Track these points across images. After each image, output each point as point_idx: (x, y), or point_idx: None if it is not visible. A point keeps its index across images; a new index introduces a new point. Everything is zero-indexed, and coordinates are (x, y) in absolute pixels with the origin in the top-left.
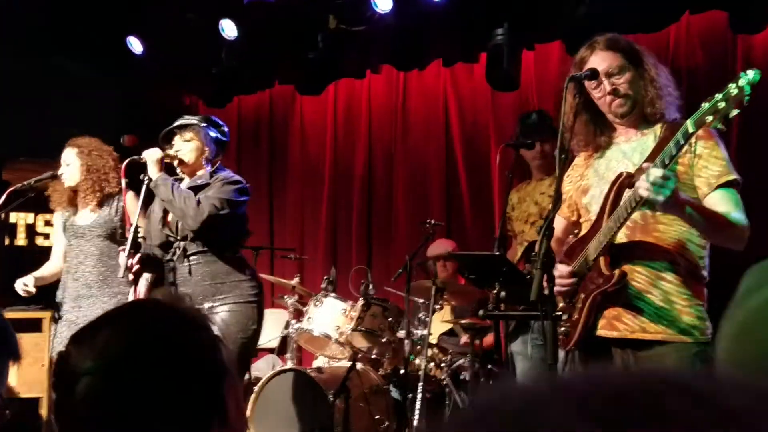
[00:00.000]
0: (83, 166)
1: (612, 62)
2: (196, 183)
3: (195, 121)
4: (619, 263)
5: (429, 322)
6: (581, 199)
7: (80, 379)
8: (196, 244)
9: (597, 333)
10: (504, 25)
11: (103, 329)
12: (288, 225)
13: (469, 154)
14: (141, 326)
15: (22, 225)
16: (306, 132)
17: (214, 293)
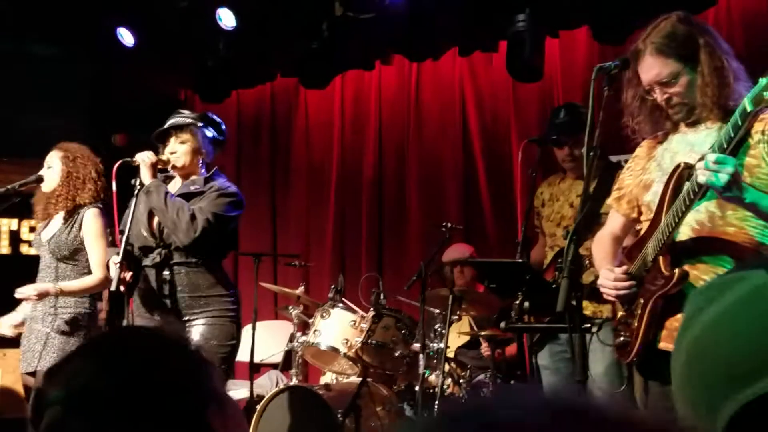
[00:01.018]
0: (63, 172)
1: (661, 71)
2: (189, 189)
3: (191, 121)
4: (681, 263)
5: (446, 334)
6: (643, 195)
7: (47, 410)
8: (179, 254)
9: (659, 346)
10: (525, 10)
11: (76, 358)
12: (292, 229)
13: (489, 151)
14: (112, 354)
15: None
16: (311, 128)
17: (193, 306)
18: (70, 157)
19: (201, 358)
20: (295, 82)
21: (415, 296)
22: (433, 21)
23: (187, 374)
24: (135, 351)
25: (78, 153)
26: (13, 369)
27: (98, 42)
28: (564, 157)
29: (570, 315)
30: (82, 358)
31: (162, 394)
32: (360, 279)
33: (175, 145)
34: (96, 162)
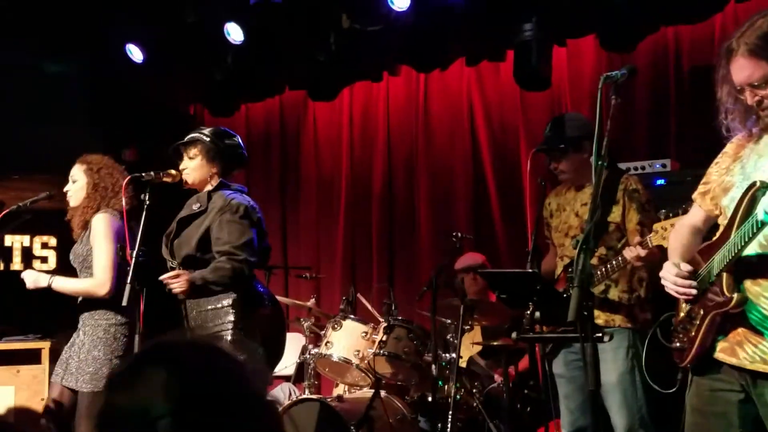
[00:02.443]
0: (90, 184)
1: (753, 73)
2: (192, 209)
3: (200, 136)
4: (743, 279)
5: (458, 344)
6: (722, 198)
7: (158, 423)
8: (183, 266)
9: (715, 356)
10: (532, 19)
11: (155, 369)
12: (302, 241)
13: (498, 160)
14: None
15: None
16: (319, 140)
17: (206, 320)
18: (95, 169)
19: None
20: (304, 94)
21: (426, 306)
22: (440, 31)
23: (257, 381)
24: (218, 358)
25: (102, 164)
26: (27, 385)
27: (108, 58)
28: (555, 171)
29: (581, 324)
30: (165, 369)
31: (247, 400)
32: (371, 290)
33: (186, 161)
34: (121, 170)
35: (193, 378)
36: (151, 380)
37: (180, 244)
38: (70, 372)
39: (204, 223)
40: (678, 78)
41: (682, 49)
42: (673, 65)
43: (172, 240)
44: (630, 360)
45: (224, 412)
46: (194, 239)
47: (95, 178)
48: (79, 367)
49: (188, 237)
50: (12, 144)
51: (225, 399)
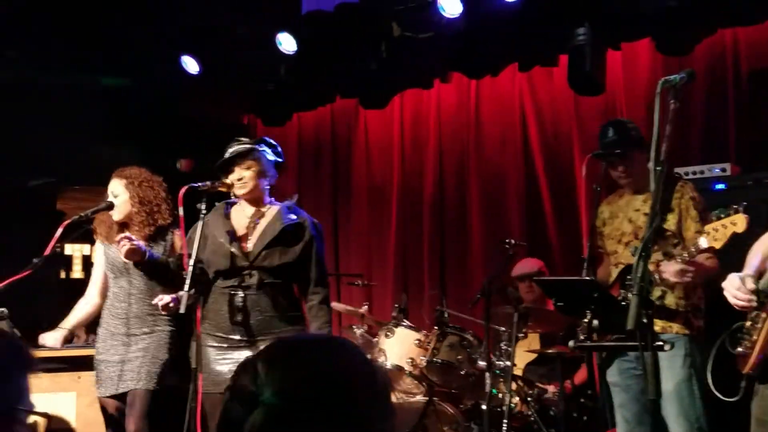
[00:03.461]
0: (133, 198)
1: None
2: (290, 221)
3: (253, 146)
4: None
5: (512, 352)
6: None
7: (256, 408)
8: (268, 275)
9: None
10: (585, 24)
11: (293, 358)
12: (354, 249)
13: (551, 166)
14: (332, 365)
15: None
16: (371, 148)
17: (272, 326)
18: (135, 183)
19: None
20: (355, 102)
21: (479, 314)
22: (491, 37)
23: (384, 388)
24: (352, 363)
25: (141, 177)
26: (88, 391)
27: (163, 71)
28: (618, 174)
29: (641, 333)
30: (301, 363)
31: (371, 406)
32: (423, 297)
33: (241, 171)
34: (160, 181)
35: (332, 371)
36: (284, 367)
37: (279, 252)
38: (116, 379)
39: (305, 236)
40: (736, 81)
41: (740, 52)
42: (732, 68)
43: (266, 247)
44: (688, 368)
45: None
46: (298, 250)
47: (138, 192)
48: (140, 368)
49: (287, 246)
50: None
51: (362, 393)
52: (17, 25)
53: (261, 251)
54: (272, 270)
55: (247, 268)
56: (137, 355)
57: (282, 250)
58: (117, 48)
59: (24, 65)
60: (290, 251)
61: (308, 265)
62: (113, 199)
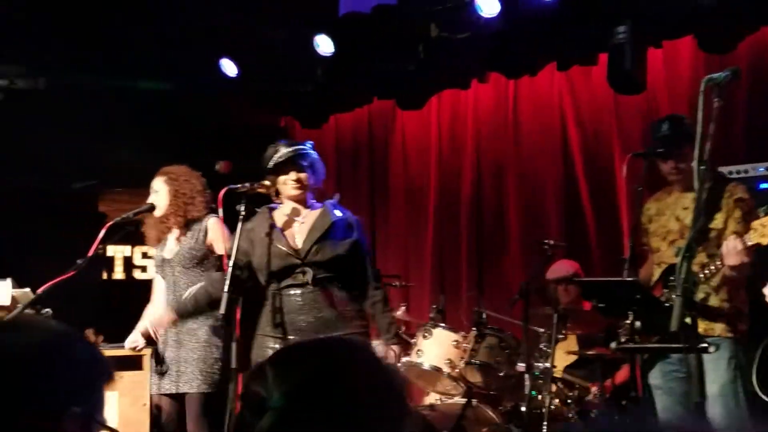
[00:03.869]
0: (170, 193)
1: None
2: (338, 216)
3: (307, 150)
4: None
5: (551, 353)
6: None
7: (266, 413)
8: (322, 270)
9: None
10: (626, 21)
11: (300, 361)
12: (391, 250)
13: (591, 166)
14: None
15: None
16: (408, 149)
17: (337, 322)
18: (174, 178)
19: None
20: (392, 104)
21: (517, 315)
22: (529, 37)
23: (398, 389)
24: (360, 363)
25: (180, 172)
26: (130, 391)
27: (202, 74)
28: (669, 170)
29: (685, 334)
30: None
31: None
32: (461, 298)
33: (299, 173)
34: (198, 176)
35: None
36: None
37: (331, 246)
38: (175, 377)
39: (353, 231)
40: None
41: None
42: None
43: (316, 242)
44: (732, 370)
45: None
46: (348, 243)
47: (175, 185)
48: (185, 372)
49: (337, 239)
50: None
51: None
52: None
53: (311, 247)
54: (324, 264)
55: (300, 266)
56: (191, 356)
57: (332, 244)
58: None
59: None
60: (340, 245)
61: (361, 262)
62: (154, 195)
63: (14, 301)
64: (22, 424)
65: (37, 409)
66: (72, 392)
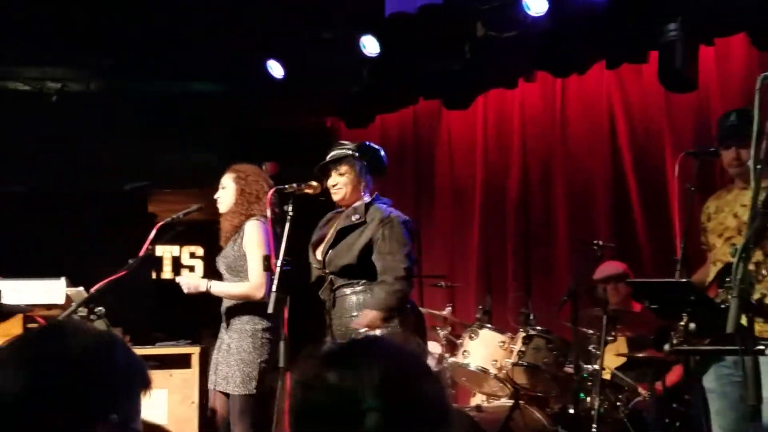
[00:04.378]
0: (237, 190)
1: None
2: (351, 221)
3: (349, 153)
4: None
5: (601, 355)
6: None
7: (366, 414)
8: (343, 278)
9: None
10: (677, 19)
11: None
12: (437, 250)
13: (641, 166)
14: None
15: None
16: (453, 149)
17: (350, 331)
18: (242, 176)
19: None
20: (438, 104)
21: (566, 316)
22: (577, 35)
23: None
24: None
25: (249, 171)
26: (179, 389)
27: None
28: (730, 160)
29: (741, 336)
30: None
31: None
32: (507, 299)
33: (336, 177)
34: (266, 178)
35: (407, 377)
36: (368, 371)
37: (338, 254)
38: (222, 377)
39: (365, 234)
40: None
41: None
42: None
43: (328, 249)
44: None
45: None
46: (356, 250)
47: (242, 184)
48: (229, 372)
49: (348, 247)
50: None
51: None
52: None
53: (325, 257)
54: (339, 273)
55: (326, 275)
56: (235, 358)
57: (342, 252)
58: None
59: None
60: (349, 253)
61: (373, 260)
62: (221, 191)
63: (68, 300)
64: (59, 428)
65: (75, 414)
66: (110, 398)
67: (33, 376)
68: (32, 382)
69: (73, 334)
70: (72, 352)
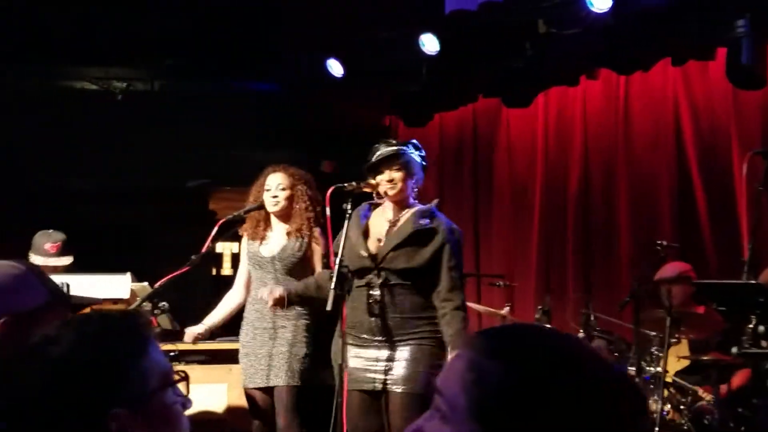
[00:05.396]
0: (297, 194)
1: None
2: (420, 224)
3: (404, 148)
4: None
5: (664, 357)
6: None
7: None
8: (396, 276)
9: None
10: (746, 14)
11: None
12: (495, 249)
13: (706, 164)
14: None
15: (227, 255)
16: (513, 148)
17: (404, 326)
18: (303, 180)
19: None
20: (497, 102)
21: (627, 318)
22: (642, 31)
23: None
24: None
25: (306, 177)
26: (238, 383)
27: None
28: None
29: None
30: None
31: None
32: (567, 300)
33: (391, 173)
34: (311, 179)
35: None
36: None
37: (406, 255)
38: (266, 371)
39: (435, 241)
40: None
41: None
42: None
43: (393, 247)
44: None
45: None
46: (427, 255)
47: (306, 190)
48: (282, 365)
49: (416, 251)
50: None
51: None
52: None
53: (387, 253)
54: (397, 272)
55: (374, 269)
56: (282, 350)
57: (410, 254)
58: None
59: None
60: (418, 256)
61: (439, 272)
62: (277, 191)
63: (133, 295)
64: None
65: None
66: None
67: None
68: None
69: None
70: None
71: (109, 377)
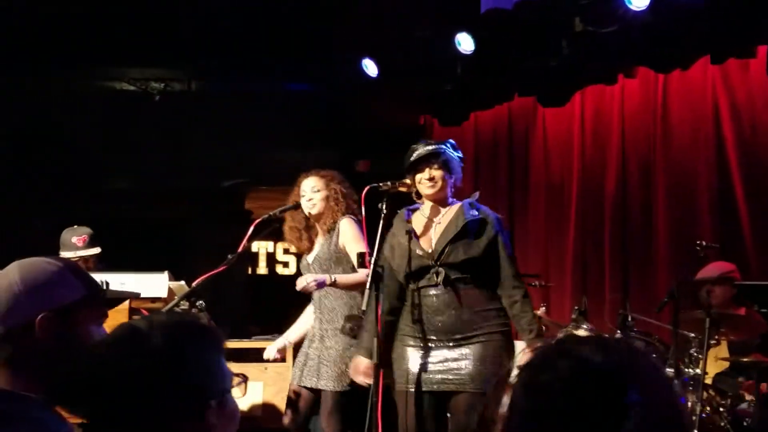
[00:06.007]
0: (332, 194)
1: None
2: (473, 216)
3: (444, 148)
4: None
5: (703, 359)
6: None
7: (630, 413)
8: (456, 271)
9: None
10: None
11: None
12: (531, 249)
13: (747, 164)
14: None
15: (263, 254)
16: (549, 147)
17: (473, 322)
18: (336, 181)
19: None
20: (533, 101)
21: (666, 319)
22: (680, 29)
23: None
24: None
25: (339, 177)
26: (274, 382)
27: (344, 74)
28: None
29: None
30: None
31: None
32: (604, 300)
33: (432, 171)
34: (345, 181)
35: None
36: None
37: (464, 247)
38: (314, 372)
39: (488, 229)
40: None
41: None
42: None
43: (449, 242)
44: None
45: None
46: (483, 243)
47: (341, 188)
48: (323, 368)
49: (471, 241)
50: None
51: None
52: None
53: (444, 248)
54: (458, 266)
55: (433, 267)
56: (332, 355)
57: (466, 245)
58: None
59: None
60: (474, 246)
61: (498, 261)
62: (313, 193)
63: (170, 293)
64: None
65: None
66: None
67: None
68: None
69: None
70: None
71: (208, 372)
